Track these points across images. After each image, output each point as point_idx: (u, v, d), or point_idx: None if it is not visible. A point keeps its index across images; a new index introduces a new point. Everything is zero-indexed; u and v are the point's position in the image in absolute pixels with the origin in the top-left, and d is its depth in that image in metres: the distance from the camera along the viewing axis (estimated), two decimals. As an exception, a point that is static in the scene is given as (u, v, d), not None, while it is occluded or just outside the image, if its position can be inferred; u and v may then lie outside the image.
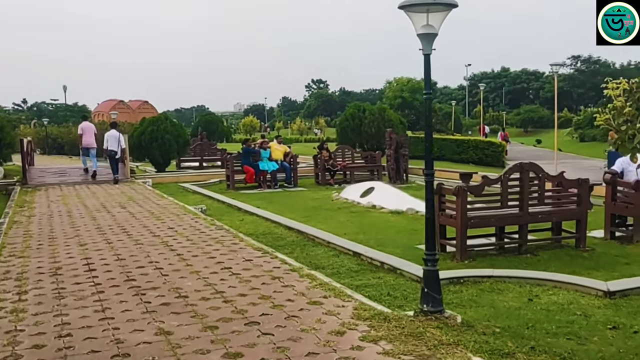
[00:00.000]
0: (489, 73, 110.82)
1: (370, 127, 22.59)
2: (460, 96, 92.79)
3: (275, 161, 18.49)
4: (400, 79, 66.46)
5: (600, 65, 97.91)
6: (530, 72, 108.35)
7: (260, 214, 12.18)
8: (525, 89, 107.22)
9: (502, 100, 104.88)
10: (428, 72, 4.96)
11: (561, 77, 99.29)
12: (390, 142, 14.04)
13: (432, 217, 5.38)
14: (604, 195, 10.21)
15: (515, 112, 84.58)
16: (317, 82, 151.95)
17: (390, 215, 12.35)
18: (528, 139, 66.40)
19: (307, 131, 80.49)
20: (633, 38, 5.29)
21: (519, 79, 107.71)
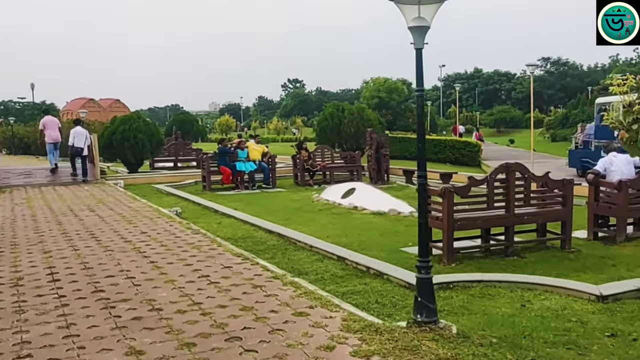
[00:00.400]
0: (462, 74, 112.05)
1: (349, 127, 22.30)
2: (434, 97, 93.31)
3: (253, 161, 18.13)
4: (377, 79, 66.30)
5: (568, 67, 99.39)
6: (502, 73, 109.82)
7: (239, 217, 11.80)
8: (497, 90, 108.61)
9: (475, 100, 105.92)
10: (420, 67, 4.65)
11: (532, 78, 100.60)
12: (371, 142, 13.75)
13: (424, 221, 5.06)
14: (585, 195, 10.08)
15: (488, 113, 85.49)
16: (293, 81, 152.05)
17: (372, 216, 12.07)
18: (501, 138, 66.90)
19: (284, 131, 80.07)
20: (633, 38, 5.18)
21: (491, 80, 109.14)
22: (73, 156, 18.60)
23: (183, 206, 13.42)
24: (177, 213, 11.98)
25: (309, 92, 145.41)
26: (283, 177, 20.11)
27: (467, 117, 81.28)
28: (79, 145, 18.05)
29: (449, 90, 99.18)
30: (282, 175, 20.02)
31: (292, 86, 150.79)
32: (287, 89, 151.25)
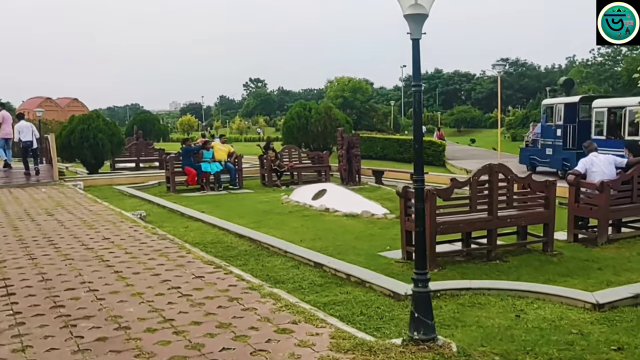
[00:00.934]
0: (423, 74, 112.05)
1: (316, 126, 21.88)
2: (396, 97, 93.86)
3: (219, 162, 17.56)
4: (342, 79, 66.00)
5: (526, 68, 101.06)
6: (462, 74, 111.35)
7: (207, 220, 11.27)
8: (457, 90, 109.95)
9: (435, 100, 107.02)
10: (417, 59, 4.26)
11: (491, 79, 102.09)
12: (342, 141, 13.36)
13: (422, 229, 4.66)
14: (562, 196, 9.88)
15: (449, 113, 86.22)
16: (255, 80, 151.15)
17: (345, 218, 11.68)
18: (462, 138, 67.49)
19: (246, 130, 79.26)
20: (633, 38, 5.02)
21: (451, 81, 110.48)
22: (25, 151, 17.81)
23: (147, 209, 12.81)
24: (142, 217, 11.38)
25: (271, 92, 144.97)
26: (249, 177, 19.60)
27: (428, 117, 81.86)
28: (27, 139, 17.39)
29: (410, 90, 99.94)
30: (248, 176, 19.50)
31: (254, 86, 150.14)
32: (249, 89, 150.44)
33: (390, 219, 11.46)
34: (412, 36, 4.16)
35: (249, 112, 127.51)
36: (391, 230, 10.49)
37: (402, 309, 5.76)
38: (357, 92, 62.11)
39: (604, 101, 20.81)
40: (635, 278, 7.10)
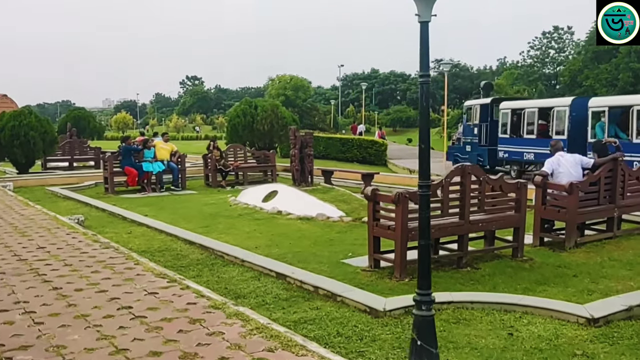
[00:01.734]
0: (360, 74, 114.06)
1: (262, 125, 21.12)
2: (333, 96, 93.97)
3: (161, 161, 16.61)
4: (283, 77, 65.17)
5: (460, 69, 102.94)
6: (398, 74, 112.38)
7: (152, 225, 10.44)
8: (393, 90, 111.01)
9: (372, 100, 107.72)
10: (426, 45, 3.70)
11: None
12: (294, 140, 12.74)
13: (426, 243, 4.11)
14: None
15: (385, 112, 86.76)
16: (191, 78, 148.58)
17: (300, 222, 11.07)
18: (399, 137, 68.00)
19: (183, 128, 77.47)
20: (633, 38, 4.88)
21: (387, 81, 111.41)
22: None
23: (85, 213, 11.84)
24: (80, 222, 10.45)
25: (208, 90, 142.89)
26: (192, 177, 18.71)
27: (365, 116, 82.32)
28: None
29: (347, 90, 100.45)
30: (191, 176, 18.61)
31: (191, 83, 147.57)
32: (186, 86, 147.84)
33: (346, 222, 10.94)
34: (420, 19, 3.60)
35: (185, 110, 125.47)
36: (350, 235, 9.98)
37: (382, 328, 5.22)
38: (299, 91, 61.51)
39: (508, 103, 22.84)
40: (615, 286, 6.83)
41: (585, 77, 31.75)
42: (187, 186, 17.16)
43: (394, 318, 5.43)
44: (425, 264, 4.08)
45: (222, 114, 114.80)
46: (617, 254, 8.51)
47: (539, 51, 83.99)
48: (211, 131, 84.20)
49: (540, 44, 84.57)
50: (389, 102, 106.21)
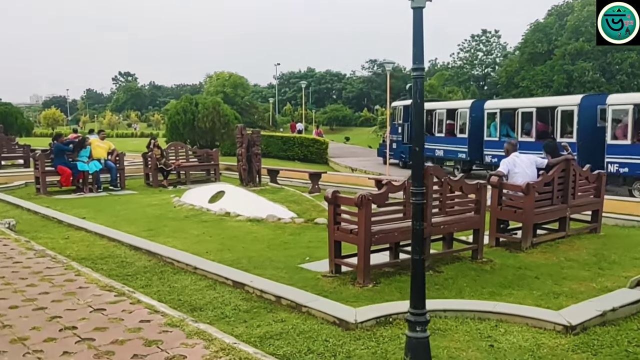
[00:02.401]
0: (296, 73, 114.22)
1: (204, 123, 20.43)
2: (270, 94, 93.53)
3: (98, 160, 15.76)
4: (222, 74, 63.80)
5: (393, 69, 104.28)
6: (334, 73, 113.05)
7: (91, 229, 9.75)
8: (329, 89, 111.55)
9: (309, 99, 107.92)
10: (419, 33, 3.35)
11: (360, 79, 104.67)
12: (241, 139, 12.23)
13: (419, 258, 3.76)
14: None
15: (322, 111, 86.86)
16: (125, 74, 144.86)
17: (250, 224, 10.61)
18: (336, 136, 68.23)
19: (117, 125, 75.18)
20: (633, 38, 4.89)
21: (323, 80, 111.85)
22: None
23: (16, 216, 10.98)
24: (11, 226, 9.66)
25: (142, 86, 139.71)
26: (131, 177, 17.91)
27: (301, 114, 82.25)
28: None
29: (284, 88, 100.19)
30: (129, 175, 17.80)
31: (124, 79, 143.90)
32: (119, 83, 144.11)
33: (299, 224, 10.56)
34: (413, 4, 3.24)
35: (118, 106, 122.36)
36: (303, 237, 9.62)
37: (356, 342, 4.87)
38: (238, 88, 60.52)
39: (429, 104, 25.23)
40: (577, 287, 6.74)
41: (521, 78, 32.51)
42: (126, 186, 16.38)
43: (366, 330, 5.09)
44: (419, 281, 3.75)
45: (158, 110, 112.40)
46: (573, 254, 8.48)
47: (468, 53, 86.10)
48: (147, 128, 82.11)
49: (469, 47, 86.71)
50: (325, 101, 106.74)
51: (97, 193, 15.36)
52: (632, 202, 12.36)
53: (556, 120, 18.76)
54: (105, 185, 16.01)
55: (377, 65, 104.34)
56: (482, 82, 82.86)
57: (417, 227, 3.81)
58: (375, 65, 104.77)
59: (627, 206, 12.00)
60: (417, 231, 3.81)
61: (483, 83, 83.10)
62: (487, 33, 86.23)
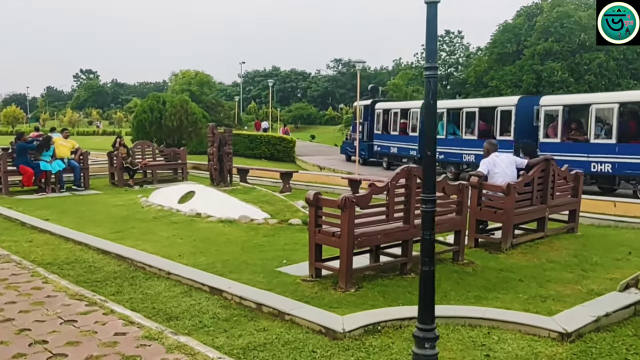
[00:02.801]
0: (261, 71, 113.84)
1: (171, 121, 19.93)
2: (234, 92, 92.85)
3: (61, 159, 15.20)
4: (188, 72, 62.83)
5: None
6: (299, 72, 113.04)
7: (56, 231, 9.32)
8: (294, 88, 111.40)
9: (274, 97, 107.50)
10: (433, 29, 3.12)
11: (325, 78, 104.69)
12: (212, 138, 11.87)
13: (429, 269, 3.53)
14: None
15: (287, 110, 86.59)
16: (86, 72, 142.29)
17: (222, 225, 10.29)
18: (301, 134, 68.11)
19: (78, 123, 73.56)
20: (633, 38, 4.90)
21: (288, 78, 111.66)
22: None
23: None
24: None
25: (104, 84, 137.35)
26: (95, 176, 17.38)
27: (266, 113, 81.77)
28: None
29: (248, 86, 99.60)
30: (93, 175, 17.27)
31: (85, 77, 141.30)
32: (80, 80, 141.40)
33: (272, 225, 10.28)
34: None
35: (79, 104, 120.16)
36: (278, 239, 9.35)
37: (344, 352, 4.64)
38: (204, 86, 59.71)
39: (381, 104, 27.32)
40: (563, 290, 6.63)
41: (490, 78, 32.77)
42: (90, 186, 15.86)
43: (354, 340, 4.85)
44: (429, 294, 3.53)
45: (120, 108, 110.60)
46: (553, 255, 8.40)
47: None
48: (109, 126, 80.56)
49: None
50: (290, 99, 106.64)
51: (60, 193, 14.83)
52: (605, 201, 12.39)
53: (496, 119, 19.78)
54: (68, 185, 15.48)
55: (342, 64, 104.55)
56: (444, 82, 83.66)
57: (428, 236, 3.59)
58: (340, 64, 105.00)
59: (600, 205, 12.03)
60: (427, 241, 3.59)
61: (446, 83, 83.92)
62: (450, 33, 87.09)
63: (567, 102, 18.54)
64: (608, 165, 16.62)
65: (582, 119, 17.85)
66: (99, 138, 51.46)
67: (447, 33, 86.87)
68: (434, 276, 3.67)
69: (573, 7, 31.12)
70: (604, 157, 16.58)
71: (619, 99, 17.08)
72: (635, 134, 16.53)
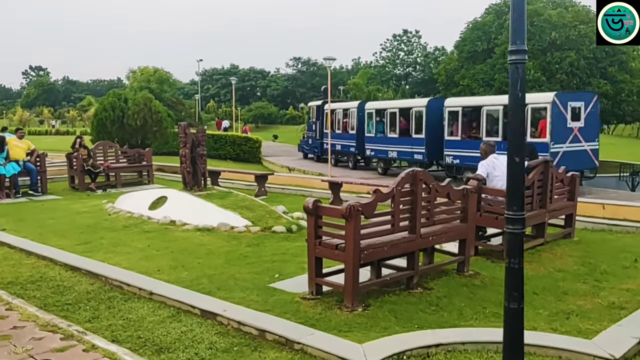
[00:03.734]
0: (219, 69, 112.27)
1: (135, 120, 18.87)
2: (192, 91, 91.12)
3: (16, 162, 14.11)
4: (146, 69, 61.04)
5: (317, 67, 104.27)
6: (258, 70, 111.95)
7: (15, 244, 8.40)
8: (253, 87, 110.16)
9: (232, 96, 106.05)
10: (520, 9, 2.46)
11: (285, 77, 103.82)
12: (185, 138, 11.02)
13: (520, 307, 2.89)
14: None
15: (247, 109, 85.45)
16: (36, 69, 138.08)
17: (201, 234, 9.50)
18: (262, 134, 67.18)
19: (29, 122, 70.90)
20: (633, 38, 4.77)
21: (247, 77, 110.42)
22: None
23: None
24: None
25: (55, 81, 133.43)
26: (52, 180, 16.24)
27: (226, 112, 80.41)
28: None
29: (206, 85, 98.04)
30: (50, 178, 16.12)
31: (35, 74, 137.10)
32: (29, 77, 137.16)
33: (255, 233, 9.54)
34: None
35: (29, 102, 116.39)
36: (264, 249, 8.63)
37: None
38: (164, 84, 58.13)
39: (329, 105, 28.14)
40: (584, 305, 6.15)
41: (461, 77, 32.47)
42: (48, 190, 14.77)
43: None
44: (518, 338, 2.86)
45: (73, 107, 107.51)
46: (559, 263, 7.94)
47: (390, 53, 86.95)
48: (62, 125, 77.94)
49: (391, 46, 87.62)
50: (250, 98, 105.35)
51: (16, 199, 13.74)
52: (594, 204, 12.02)
53: (412, 119, 22.07)
54: (24, 190, 14.38)
55: (301, 62, 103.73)
56: (403, 81, 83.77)
57: (517, 265, 2.95)
58: (299, 62, 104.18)
59: (590, 208, 11.65)
60: (516, 271, 2.96)
61: (405, 82, 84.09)
62: (408, 33, 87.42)
63: (465, 104, 20.89)
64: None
65: (478, 119, 19.77)
66: (52, 138, 49.52)
67: (404, 32, 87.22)
68: (522, 316, 3.03)
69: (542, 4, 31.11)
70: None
71: (504, 102, 17.86)
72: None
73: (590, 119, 18.42)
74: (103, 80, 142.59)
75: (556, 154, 17.08)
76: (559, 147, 17.30)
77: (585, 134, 18.24)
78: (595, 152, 18.87)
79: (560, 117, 17.36)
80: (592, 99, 18.84)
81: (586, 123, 18.18)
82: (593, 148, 18.75)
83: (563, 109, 17.46)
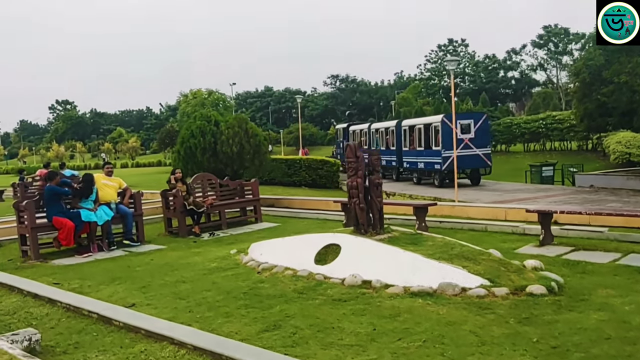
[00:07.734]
0: (253, 92, 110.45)
1: (229, 146, 15.90)
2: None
3: (107, 204, 11.24)
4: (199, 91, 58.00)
5: (357, 84, 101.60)
6: (293, 91, 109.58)
7: (177, 337, 5.35)
8: (290, 108, 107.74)
9: (269, 119, 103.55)
10: None
11: (324, 95, 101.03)
12: (355, 163, 7.96)
13: None
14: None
15: (287, 131, 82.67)
16: (62, 102, 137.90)
17: (424, 302, 6.42)
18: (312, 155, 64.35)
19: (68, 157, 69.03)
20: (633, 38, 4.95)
21: (283, 98, 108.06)
22: None
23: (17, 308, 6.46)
24: (32, 345, 5.18)
25: (83, 114, 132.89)
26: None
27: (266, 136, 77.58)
28: None
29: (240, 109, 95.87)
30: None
31: (62, 108, 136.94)
32: (56, 112, 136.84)
33: (504, 297, 6.41)
34: None
35: (58, 137, 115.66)
36: (554, 328, 5.49)
37: None
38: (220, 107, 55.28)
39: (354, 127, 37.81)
40: None
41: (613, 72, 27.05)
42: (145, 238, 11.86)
43: None
44: None
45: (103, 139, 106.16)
46: None
47: (436, 64, 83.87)
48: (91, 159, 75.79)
49: (436, 57, 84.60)
50: (287, 120, 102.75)
51: (110, 251, 10.85)
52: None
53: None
54: (118, 239, 11.48)
55: (339, 80, 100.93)
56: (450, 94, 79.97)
57: None
58: (337, 80, 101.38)
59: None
60: None
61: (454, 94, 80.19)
62: (453, 42, 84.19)
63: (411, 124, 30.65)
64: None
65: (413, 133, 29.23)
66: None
67: (450, 42, 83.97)
68: None
69: None
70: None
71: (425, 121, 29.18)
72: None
73: (480, 132, 26.33)
74: (132, 110, 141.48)
75: (447, 158, 24.78)
76: (449, 152, 23.72)
77: (477, 143, 26.02)
78: (488, 156, 26.72)
79: (449, 131, 23.45)
80: (481, 118, 27.07)
81: (476, 135, 26.11)
82: (485, 153, 26.56)
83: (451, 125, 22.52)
